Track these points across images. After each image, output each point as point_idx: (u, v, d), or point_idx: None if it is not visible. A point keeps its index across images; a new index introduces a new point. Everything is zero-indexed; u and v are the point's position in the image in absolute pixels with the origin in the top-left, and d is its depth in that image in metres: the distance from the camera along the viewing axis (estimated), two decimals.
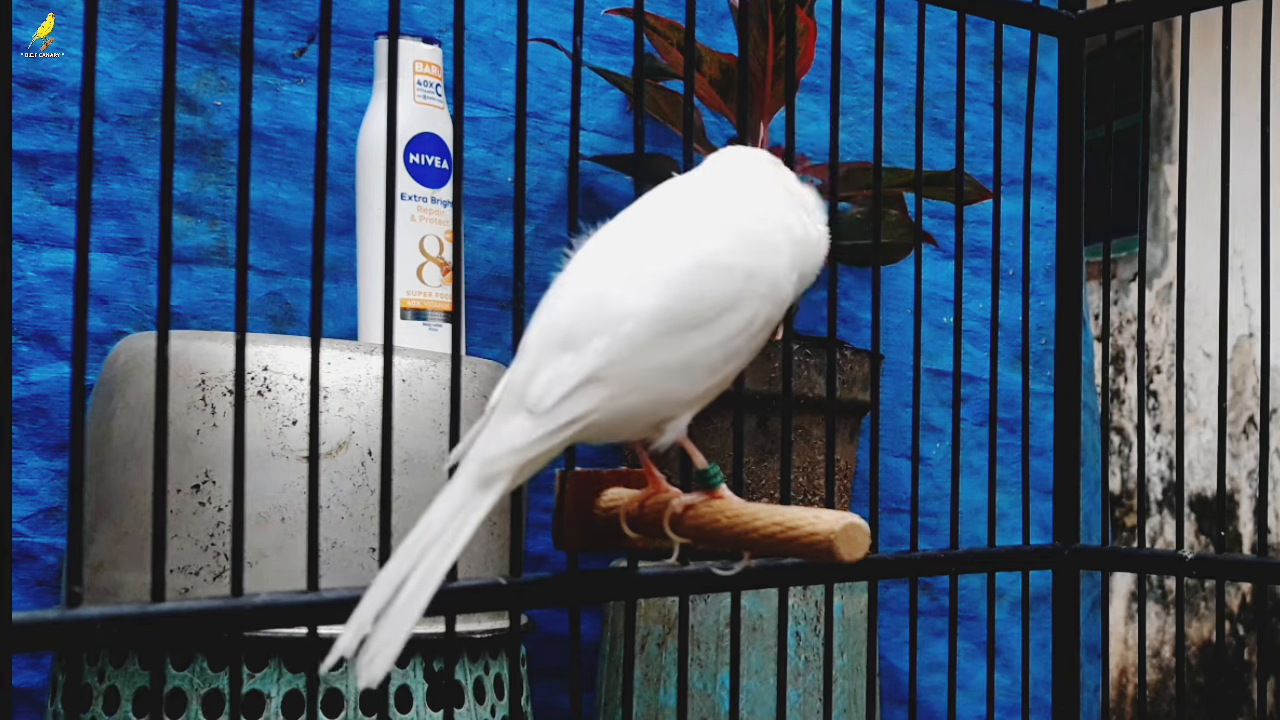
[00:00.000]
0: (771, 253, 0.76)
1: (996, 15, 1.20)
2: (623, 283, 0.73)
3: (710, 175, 0.80)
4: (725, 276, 0.74)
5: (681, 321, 0.72)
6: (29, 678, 1.27)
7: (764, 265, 0.76)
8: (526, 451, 0.70)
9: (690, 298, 0.73)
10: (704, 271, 0.73)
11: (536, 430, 0.70)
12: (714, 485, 0.79)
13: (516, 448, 0.70)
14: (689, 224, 0.76)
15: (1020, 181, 1.69)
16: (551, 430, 0.70)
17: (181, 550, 1.05)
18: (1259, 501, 1.10)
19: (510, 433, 0.71)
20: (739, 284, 0.74)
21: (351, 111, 1.37)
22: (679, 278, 0.73)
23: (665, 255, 0.74)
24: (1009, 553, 1.21)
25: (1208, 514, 3.42)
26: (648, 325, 0.72)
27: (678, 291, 0.72)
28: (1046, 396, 1.70)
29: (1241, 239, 1.27)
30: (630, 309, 0.71)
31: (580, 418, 0.71)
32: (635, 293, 0.72)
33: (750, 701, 1.31)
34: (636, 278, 0.73)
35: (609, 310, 0.72)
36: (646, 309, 0.72)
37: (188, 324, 1.32)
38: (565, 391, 0.71)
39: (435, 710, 1.11)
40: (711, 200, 0.78)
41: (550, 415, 0.70)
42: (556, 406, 0.71)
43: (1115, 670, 3.54)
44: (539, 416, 0.71)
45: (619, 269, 0.74)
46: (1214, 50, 1.16)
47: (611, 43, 1.53)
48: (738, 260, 0.75)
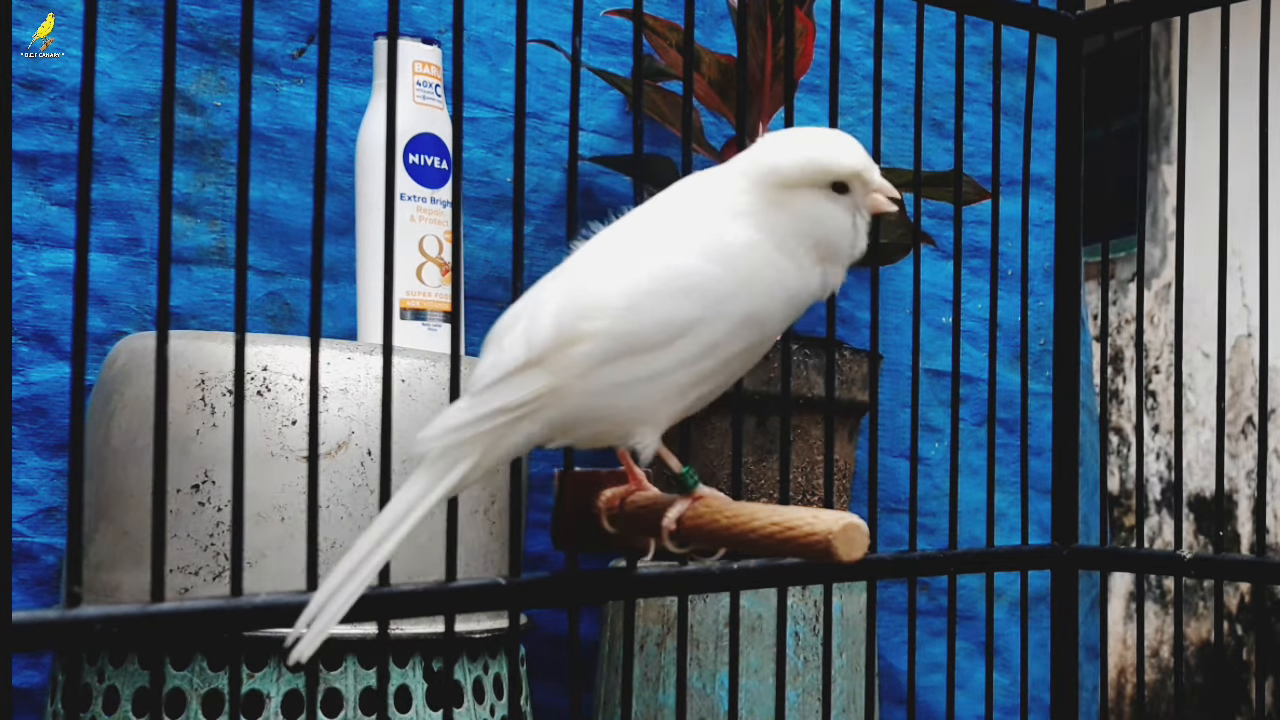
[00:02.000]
0: (752, 283, 0.73)
1: (995, 16, 1.20)
2: (581, 291, 0.72)
3: (712, 186, 0.78)
4: (682, 299, 0.72)
5: (634, 344, 0.72)
6: (29, 678, 1.27)
7: (742, 293, 0.73)
8: (461, 431, 0.70)
9: (648, 323, 0.72)
10: (656, 295, 0.72)
11: (471, 410, 0.71)
12: (691, 489, 0.79)
13: (450, 426, 0.71)
14: (661, 239, 0.74)
15: (1019, 182, 1.69)
16: (485, 413, 0.71)
17: (181, 550, 1.05)
18: (1257, 501, 1.10)
19: (449, 412, 0.72)
20: (698, 309, 0.72)
21: (351, 112, 1.37)
22: (636, 300, 0.72)
23: (627, 270, 0.73)
24: (1008, 553, 1.22)
25: (1206, 514, 3.42)
26: (598, 344, 0.71)
27: (635, 315, 0.71)
28: (1045, 396, 1.70)
29: (1240, 239, 1.27)
30: (581, 324, 0.71)
31: (516, 405, 0.71)
32: (591, 306, 0.72)
33: (749, 701, 1.31)
34: (595, 289, 0.72)
35: (562, 317, 0.71)
36: (598, 327, 0.71)
37: (187, 324, 1.32)
38: (500, 375, 0.71)
39: (435, 710, 1.11)
40: (693, 215, 0.75)
41: (484, 395, 0.71)
42: (490, 388, 0.71)
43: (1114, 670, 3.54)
44: (474, 396, 0.71)
45: (583, 277, 0.73)
46: (1212, 50, 1.16)
47: (610, 43, 1.53)
48: (702, 283, 0.72)
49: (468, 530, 1.13)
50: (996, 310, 1.20)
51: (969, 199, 1.41)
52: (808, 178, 0.75)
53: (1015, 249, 1.73)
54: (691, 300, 0.72)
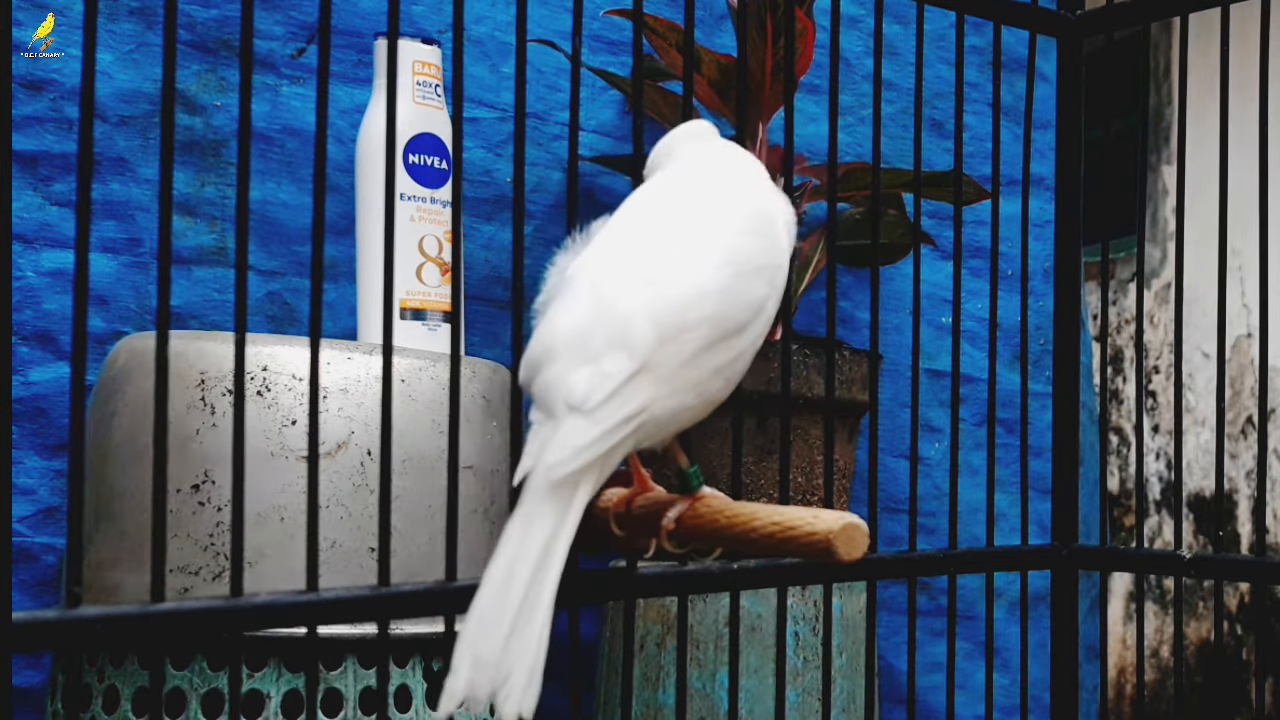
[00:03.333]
0: (780, 249, 0.77)
1: (995, 16, 1.20)
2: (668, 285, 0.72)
3: (706, 162, 0.81)
4: (760, 279, 0.75)
5: (731, 326, 0.73)
6: (29, 678, 1.27)
7: (780, 264, 0.77)
8: (589, 451, 0.68)
9: (739, 304, 0.74)
10: (745, 277, 0.74)
11: (594, 429, 0.69)
12: (694, 489, 0.79)
13: (579, 447, 0.68)
14: (712, 221, 0.76)
15: (1019, 182, 1.69)
16: (609, 428, 0.69)
17: (181, 550, 1.05)
18: (1257, 501, 1.10)
19: (568, 434, 0.69)
20: (768, 285, 0.76)
21: (351, 112, 1.37)
22: (729, 284, 0.73)
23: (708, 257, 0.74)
24: (1007, 553, 1.22)
25: (1206, 514, 3.42)
26: (705, 331, 0.72)
27: (730, 298, 0.73)
28: (1045, 396, 1.70)
29: (1240, 239, 1.27)
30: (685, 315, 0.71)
31: (634, 414, 0.70)
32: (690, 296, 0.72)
33: (749, 701, 1.31)
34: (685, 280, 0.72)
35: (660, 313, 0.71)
36: (704, 314, 0.72)
37: (187, 324, 1.32)
38: (614, 388, 0.69)
39: (434, 710, 1.11)
40: (723, 194, 0.78)
41: (601, 412, 0.69)
42: (606, 403, 0.69)
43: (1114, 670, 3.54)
44: (590, 414, 0.69)
45: (659, 269, 0.73)
46: (1212, 51, 1.16)
47: (610, 43, 1.53)
48: (765, 260, 0.76)
49: (468, 530, 1.13)
50: (996, 310, 1.20)
51: (969, 199, 1.41)
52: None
53: (1015, 249, 1.73)
54: (764, 278, 0.75)
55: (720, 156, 0.81)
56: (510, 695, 0.64)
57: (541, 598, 0.66)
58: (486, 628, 0.65)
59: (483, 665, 0.65)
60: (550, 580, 0.66)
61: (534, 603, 0.66)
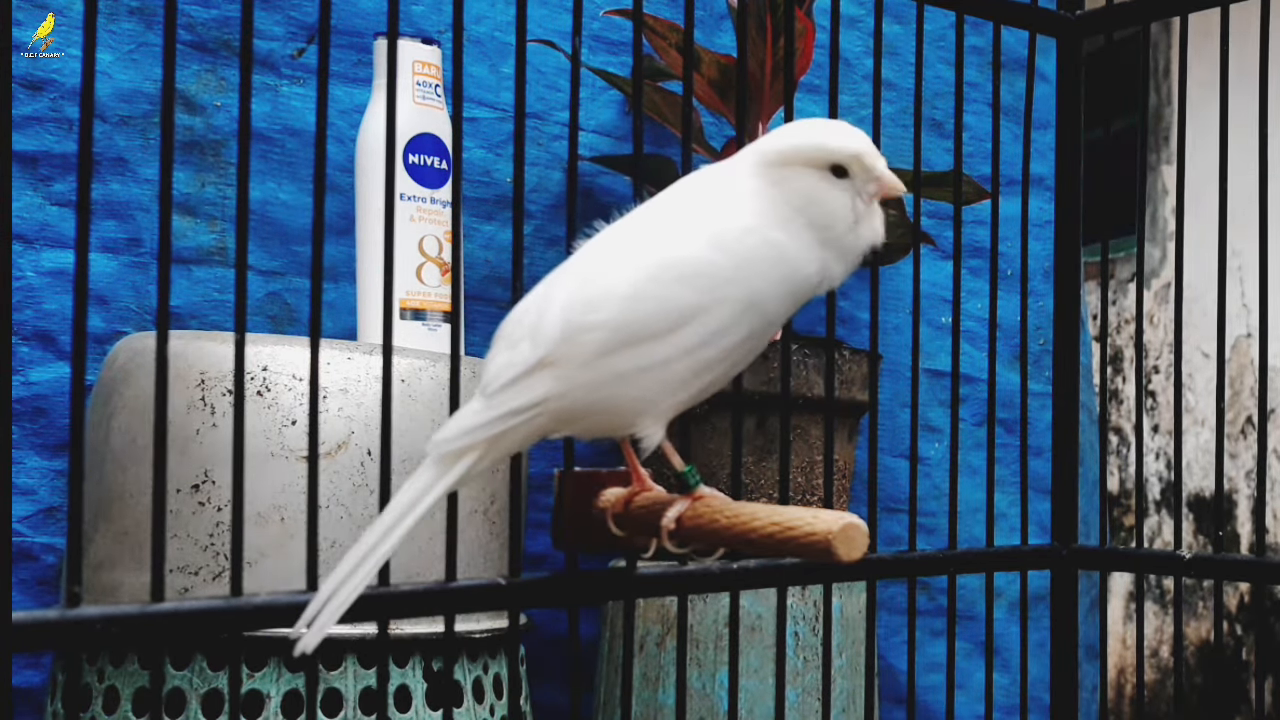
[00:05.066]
0: (741, 263, 0.73)
1: (995, 16, 1.20)
2: (585, 284, 0.73)
3: (716, 177, 0.79)
4: (685, 287, 0.72)
5: (638, 333, 0.72)
6: (29, 678, 1.27)
7: (740, 278, 0.73)
8: (476, 433, 0.72)
9: (651, 311, 0.72)
10: (663, 283, 0.72)
11: (486, 413, 0.72)
12: (692, 488, 0.79)
13: (466, 428, 0.72)
14: (663, 230, 0.75)
15: (1019, 182, 1.69)
16: (500, 414, 0.71)
17: (181, 550, 1.05)
18: (1257, 501, 1.10)
19: (463, 414, 0.73)
20: (699, 295, 0.72)
21: (351, 112, 1.38)
22: (639, 288, 0.72)
23: (630, 261, 0.73)
24: (1007, 553, 1.22)
25: (1206, 514, 3.42)
26: (603, 335, 0.71)
27: (638, 303, 0.72)
28: (1045, 396, 1.70)
29: (1240, 239, 1.27)
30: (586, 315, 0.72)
31: (529, 405, 0.72)
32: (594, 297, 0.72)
33: (749, 701, 1.31)
34: (599, 280, 0.73)
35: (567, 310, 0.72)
36: (603, 318, 0.72)
37: (187, 324, 1.32)
38: (513, 376, 0.72)
39: (434, 710, 1.11)
40: (694, 206, 0.76)
41: (498, 398, 0.72)
42: (504, 390, 0.72)
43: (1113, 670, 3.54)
44: (488, 398, 0.72)
45: (591, 269, 0.74)
46: (1212, 51, 1.16)
47: (610, 43, 1.53)
48: (702, 269, 0.73)
49: (468, 530, 1.13)
50: (996, 310, 1.20)
51: (969, 199, 1.41)
52: (803, 156, 0.75)
53: (1015, 249, 1.73)
54: (692, 287, 0.73)
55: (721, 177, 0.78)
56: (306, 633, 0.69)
57: (378, 550, 0.70)
58: (340, 568, 0.70)
59: (316, 600, 0.70)
60: (392, 537, 0.71)
61: (372, 553, 0.70)
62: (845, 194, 0.76)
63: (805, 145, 0.76)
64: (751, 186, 0.75)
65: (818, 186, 0.75)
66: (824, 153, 0.76)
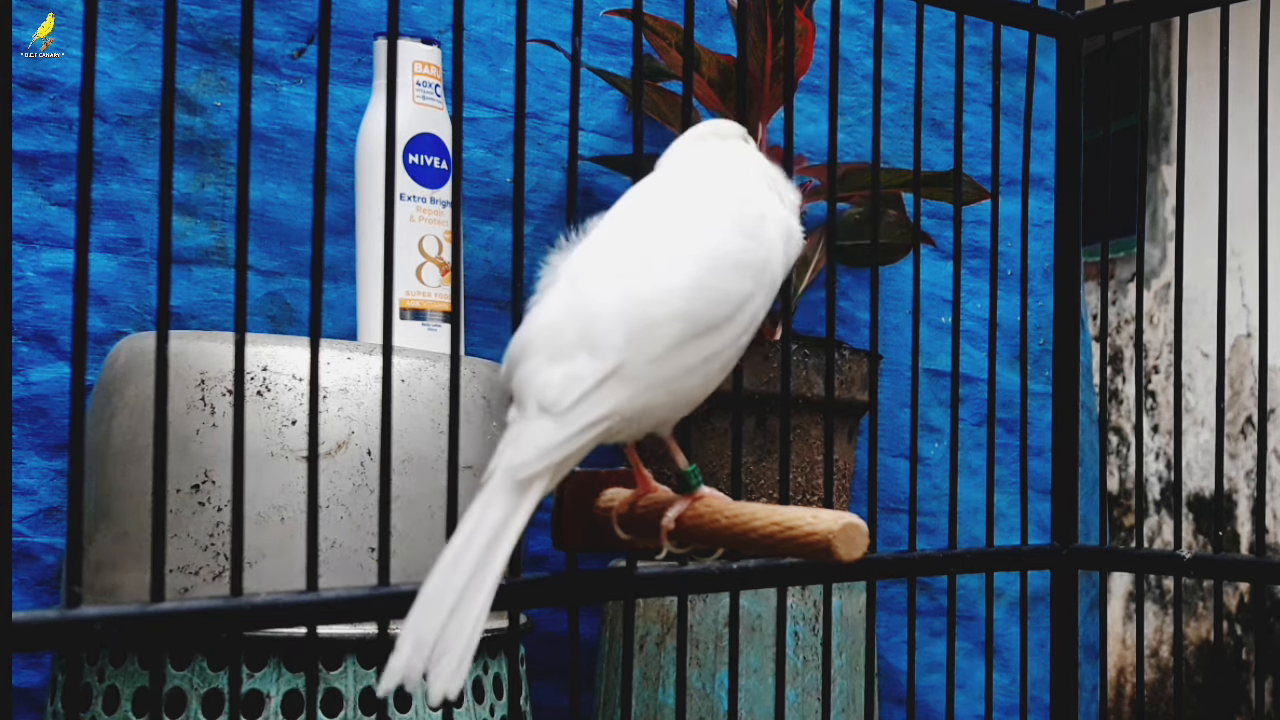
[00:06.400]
0: (769, 247, 0.76)
1: (994, 16, 1.20)
2: (640, 281, 0.72)
3: (701, 164, 0.80)
4: (739, 275, 0.74)
5: (705, 323, 0.73)
6: (29, 678, 1.27)
7: (766, 260, 0.76)
8: (555, 452, 0.69)
9: (714, 300, 0.73)
10: (722, 272, 0.74)
11: (561, 432, 0.69)
12: (692, 488, 0.79)
13: (544, 449, 0.69)
14: (696, 219, 0.76)
15: (1018, 182, 1.69)
16: (575, 431, 0.70)
17: (181, 550, 1.05)
18: (1257, 501, 1.10)
19: (535, 435, 0.70)
20: (751, 281, 0.75)
21: (351, 112, 1.38)
22: (702, 279, 0.73)
23: (682, 254, 0.73)
24: (1007, 553, 1.22)
25: (1205, 514, 3.42)
26: (675, 328, 0.71)
27: (703, 294, 0.72)
28: (1045, 397, 1.70)
29: (1239, 239, 1.27)
30: (653, 311, 0.71)
31: (604, 416, 0.70)
32: (659, 293, 0.72)
33: (749, 701, 1.31)
34: (655, 276, 0.72)
35: (629, 310, 0.71)
36: (674, 311, 0.71)
37: (187, 324, 1.32)
38: (584, 391, 0.70)
39: (434, 710, 1.11)
40: (711, 193, 0.78)
41: (570, 415, 0.70)
42: (575, 406, 0.70)
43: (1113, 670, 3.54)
44: (558, 417, 0.70)
45: (634, 266, 0.73)
46: (1212, 51, 1.16)
47: (610, 43, 1.54)
48: (747, 257, 0.75)
49: None
50: (996, 310, 1.20)
51: (969, 199, 1.41)
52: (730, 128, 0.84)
53: (1015, 249, 1.73)
54: (745, 275, 0.74)
55: (719, 156, 0.81)
56: (440, 676, 0.66)
57: (484, 583, 0.67)
58: (430, 608, 0.67)
59: (422, 645, 0.67)
60: (495, 567, 0.68)
61: (477, 587, 0.67)
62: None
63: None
64: (748, 163, 0.80)
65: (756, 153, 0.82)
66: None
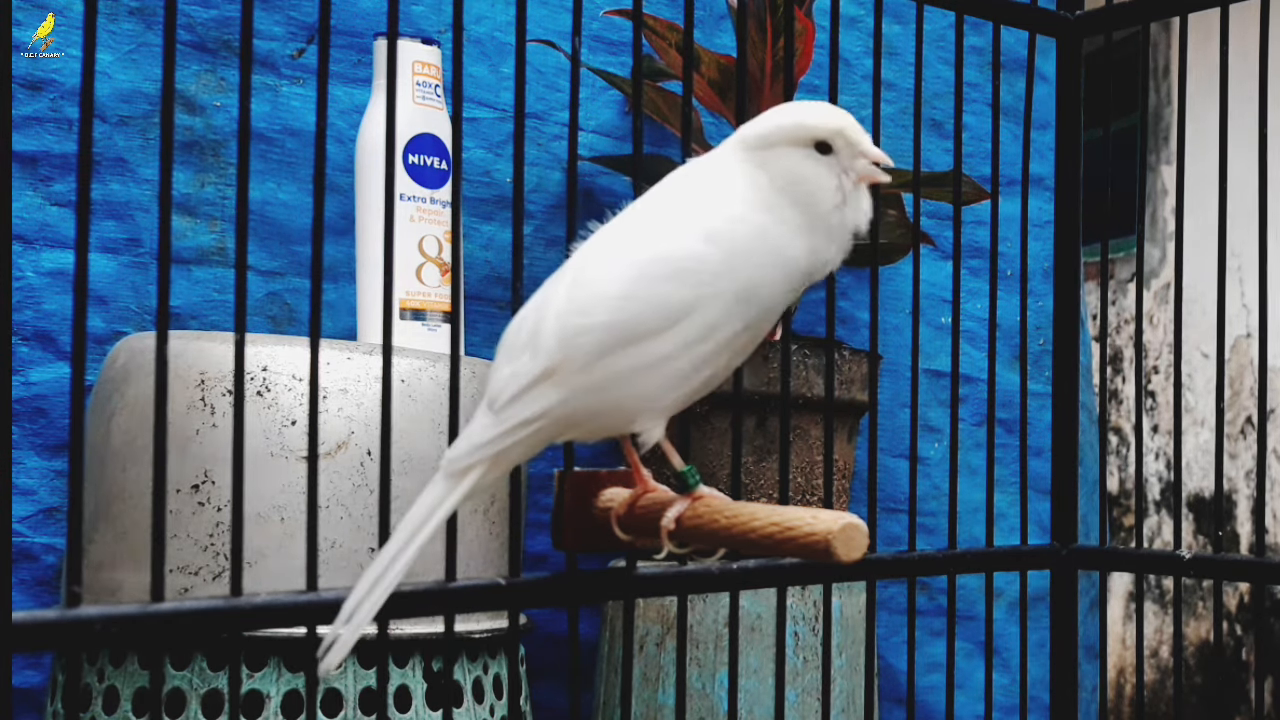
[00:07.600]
0: (741, 256, 0.73)
1: (994, 16, 1.20)
2: (578, 288, 0.73)
3: (703, 167, 0.78)
4: (676, 284, 0.72)
5: (633, 332, 0.72)
6: (29, 678, 1.27)
7: (731, 270, 0.73)
8: (486, 448, 0.72)
9: (643, 311, 0.72)
10: (649, 281, 0.72)
11: (495, 428, 0.72)
12: (691, 488, 0.79)
13: (476, 444, 0.72)
14: (653, 226, 0.75)
15: (1018, 182, 1.69)
16: (508, 428, 0.72)
17: (181, 550, 1.05)
18: (1257, 501, 1.10)
19: (473, 430, 0.73)
20: (691, 290, 0.72)
21: (351, 112, 1.38)
22: (632, 289, 0.72)
23: (621, 261, 0.73)
24: (1007, 553, 1.22)
25: (1205, 514, 3.42)
26: (596, 337, 0.72)
27: (631, 303, 0.72)
28: (1044, 397, 1.70)
29: (1239, 239, 1.27)
30: (578, 320, 0.72)
31: (535, 417, 0.72)
32: (587, 302, 0.72)
33: (749, 701, 1.31)
34: (590, 284, 0.73)
35: (562, 316, 0.72)
36: (596, 321, 0.72)
37: (187, 324, 1.32)
38: (518, 390, 0.72)
39: (434, 710, 1.11)
40: (683, 199, 0.76)
41: (505, 412, 0.72)
42: (510, 404, 0.72)
43: (1113, 670, 3.54)
44: (496, 414, 0.73)
45: (586, 272, 0.74)
46: (1212, 51, 1.16)
47: (610, 43, 1.54)
48: (691, 265, 0.72)
49: (468, 530, 1.13)
50: (996, 310, 1.20)
51: (968, 199, 1.41)
52: (785, 134, 0.75)
53: (1015, 249, 1.73)
54: (685, 283, 0.72)
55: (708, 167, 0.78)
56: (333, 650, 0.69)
57: (395, 565, 0.71)
58: (359, 586, 0.71)
59: (339, 619, 0.70)
60: (415, 544, 0.71)
61: (390, 569, 0.71)
62: (830, 171, 0.75)
63: (786, 124, 0.75)
64: (738, 173, 0.75)
65: (802, 165, 0.75)
66: (805, 129, 0.75)
